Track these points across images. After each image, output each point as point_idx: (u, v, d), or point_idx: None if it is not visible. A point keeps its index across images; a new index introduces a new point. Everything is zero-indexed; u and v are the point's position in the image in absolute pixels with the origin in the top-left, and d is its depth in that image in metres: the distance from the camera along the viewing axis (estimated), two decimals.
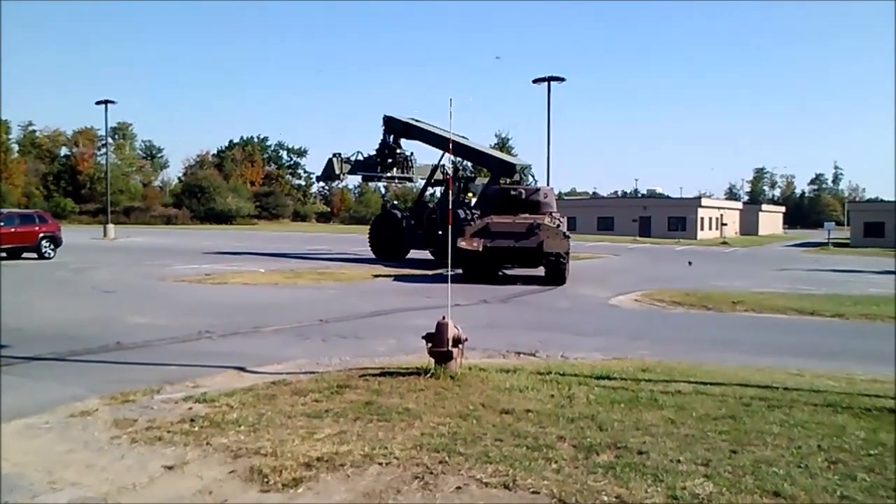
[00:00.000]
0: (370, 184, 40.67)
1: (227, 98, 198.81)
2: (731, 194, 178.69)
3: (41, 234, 30.73)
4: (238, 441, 6.47)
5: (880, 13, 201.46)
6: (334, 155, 35.85)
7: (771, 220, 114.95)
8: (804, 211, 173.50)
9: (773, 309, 17.93)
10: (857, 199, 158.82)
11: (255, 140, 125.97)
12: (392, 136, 35.79)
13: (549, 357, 11.10)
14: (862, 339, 14.19)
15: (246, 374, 9.52)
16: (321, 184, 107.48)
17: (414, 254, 33.74)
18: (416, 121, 35.29)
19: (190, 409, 7.64)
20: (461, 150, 33.74)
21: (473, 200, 32.63)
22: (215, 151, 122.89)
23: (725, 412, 7.48)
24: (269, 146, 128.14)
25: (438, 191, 36.70)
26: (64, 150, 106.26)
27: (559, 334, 13.65)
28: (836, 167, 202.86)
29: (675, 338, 13.72)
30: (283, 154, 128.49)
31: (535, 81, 43.03)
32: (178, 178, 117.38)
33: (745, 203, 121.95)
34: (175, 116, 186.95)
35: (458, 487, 5.41)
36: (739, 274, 30.83)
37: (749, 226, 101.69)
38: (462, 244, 23.30)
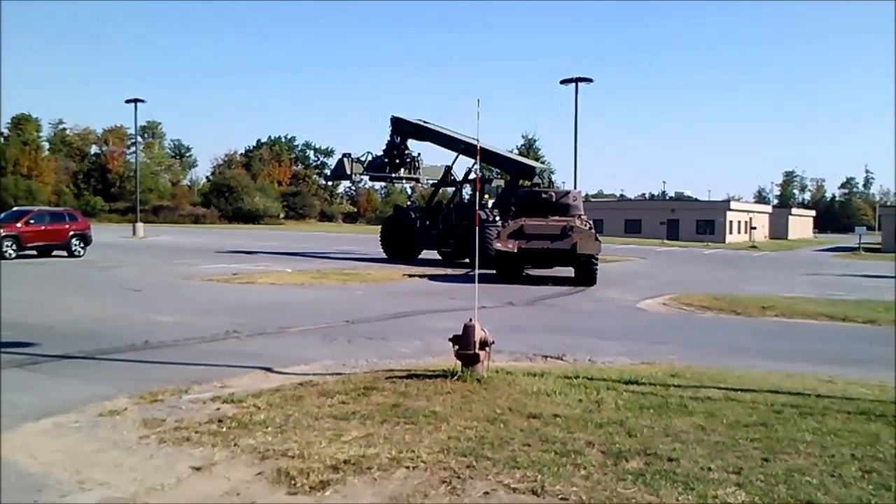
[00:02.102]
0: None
1: (255, 97, 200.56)
2: (761, 198, 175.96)
3: (71, 233, 31.11)
4: (265, 442, 6.46)
5: None
6: (344, 155, 36.45)
7: (801, 224, 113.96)
8: (835, 215, 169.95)
9: (803, 314, 17.61)
10: (889, 203, 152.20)
11: (283, 140, 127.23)
12: (399, 137, 36.17)
13: (576, 361, 11.05)
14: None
15: (273, 374, 9.54)
16: (347, 183, 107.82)
17: (425, 254, 34.11)
18: (426, 122, 35.72)
19: (218, 409, 7.66)
20: (482, 153, 33.23)
21: (491, 202, 33.10)
22: (243, 151, 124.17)
23: (757, 419, 7.34)
24: (297, 146, 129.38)
25: (450, 191, 37.20)
26: (94, 149, 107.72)
27: (586, 338, 13.54)
28: (867, 171, 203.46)
29: (704, 343, 13.55)
30: (311, 154, 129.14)
31: (562, 82, 42.90)
32: (207, 178, 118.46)
33: (774, 207, 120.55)
34: (204, 116, 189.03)
35: (486, 493, 5.35)
36: (769, 278, 30.46)
37: (779, 230, 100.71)
38: (498, 245, 23.99)
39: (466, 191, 35.36)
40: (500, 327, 11.67)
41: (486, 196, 33.74)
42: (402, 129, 36.13)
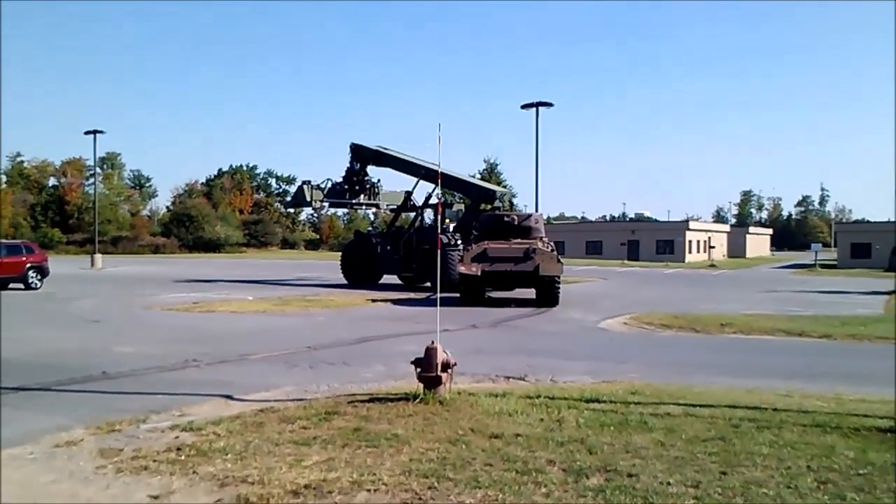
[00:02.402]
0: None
1: (216, 126, 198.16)
2: (719, 217, 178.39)
3: (28, 265, 30.56)
4: (225, 469, 6.40)
5: (868, 23, 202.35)
6: (304, 182, 36.42)
7: (758, 242, 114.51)
8: (791, 233, 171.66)
9: (761, 331, 17.89)
10: (844, 220, 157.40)
11: (245, 168, 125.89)
12: (359, 164, 36.33)
13: (538, 381, 11.04)
14: (850, 360, 14.25)
15: (233, 402, 9.45)
16: (310, 210, 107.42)
17: (386, 279, 34.17)
18: (385, 149, 35.82)
19: (176, 437, 7.58)
20: (443, 177, 32.92)
21: (452, 226, 33.15)
22: (204, 180, 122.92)
23: (715, 434, 7.43)
24: (258, 174, 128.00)
25: (412, 216, 36.79)
26: (52, 181, 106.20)
27: (548, 359, 13.55)
28: (822, 189, 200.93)
29: (664, 361, 13.67)
30: (272, 182, 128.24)
31: (523, 107, 42.80)
32: (167, 207, 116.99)
33: (732, 226, 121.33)
34: (163, 146, 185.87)
35: None
36: (728, 297, 30.62)
37: (737, 248, 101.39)
38: (462, 269, 24.19)
39: (428, 215, 35.30)
40: (463, 350, 11.67)
41: (447, 220, 33.68)
42: (362, 156, 36.24)
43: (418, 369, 9.17)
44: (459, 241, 30.64)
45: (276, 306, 23.25)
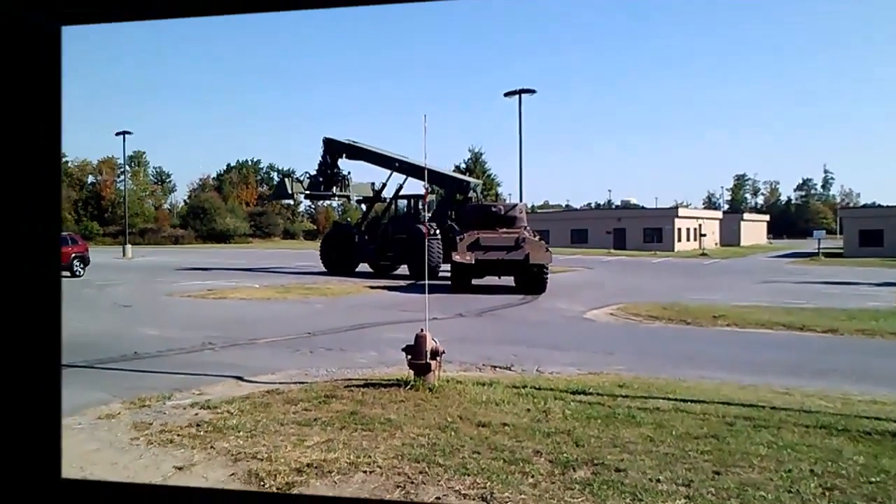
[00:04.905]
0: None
1: (226, 123, 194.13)
2: (711, 203, 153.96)
3: (73, 255, 31.28)
4: (238, 445, 6.53)
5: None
6: (286, 175, 36.37)
7: (754, 229, 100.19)
8: (791, 219, 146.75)
9: (757, 324, 16.02)
10: (851, 204, 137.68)
11: (250, 163, 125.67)
12: (329, 157, 35.40)
13: (524, 371, 10.65)
14: (858, 357, 12.39)
15: (244, 383, 9.58)
16: (308, 202, 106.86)
17: (362, 267, 33.34)
18: (355, 142, 35.17)
19: (196, 414, 7.77)
20: (418, 170, 31.64)
21: (426, 216, 31.36)
22: (215, 175, 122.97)
23: (707, 431, 6.79)
24: (262, 168, 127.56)
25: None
26: (91, 178, 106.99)
27: (533, 349, 12.96)
28: (825, 171, 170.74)
29: (652, 353, 12.80)
30: (274, 175, 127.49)
31: (506, 95, 40.13)
32: (184, 201, 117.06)
33: (725, 212, 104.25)
34: (181, 142, 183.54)
35: (438, 497, 5.25)
36: (720, 287, 27.56)
37: (730, 236, 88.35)
38: (456, 257, 23.54)
39: (401, 206, 34.40)
40: (451, 338, 11.41)
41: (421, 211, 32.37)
42: (333, 149, 35.35)
43: (409, 356, 9.03)
44: (437, 231, 29.46)
45: (279, 294, 23.07)
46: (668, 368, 10.74)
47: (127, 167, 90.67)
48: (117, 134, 55.05)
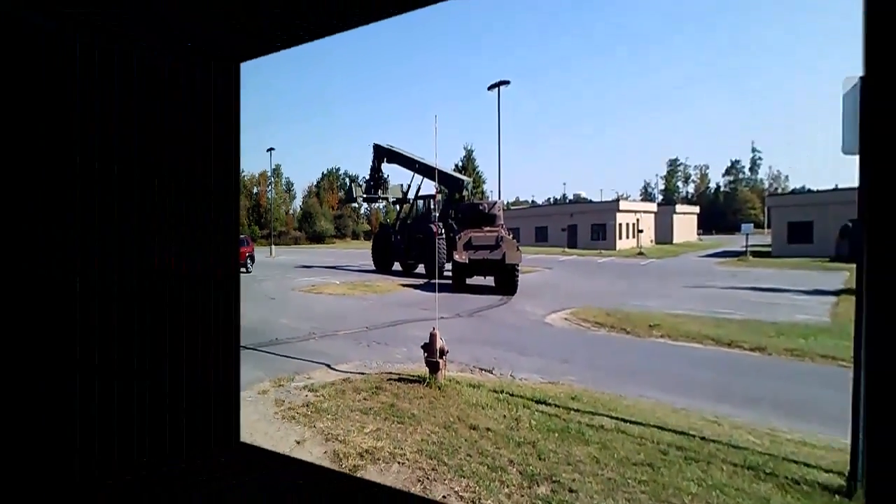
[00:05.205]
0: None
1: (320, 134, 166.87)
2: (647, 194, 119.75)
3: (248, 254, 30.68)
4: (328, 427, 6.10)
5: None
6: (352, 181, 33.34)
7: (685, 223, 72.47)
8: (719, 210, 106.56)
9: (687, 336, 12.38)
10: (780, 190, 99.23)
11: (333, 171, 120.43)
12: (377, 162, 29.65)
13: (502, 375, 9.10)
14: (786, 384, 8.90)
15: (331, 370, 8.94)
16: (367, 205, 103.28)
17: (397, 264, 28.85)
18: (391, 147, 29.38)
19: (306, 396, 7.33)
20: (431, 170, 26.55)
21: (435, 215, 26.18)
22: (315, 182, 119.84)
23: (644, 458, 5.42)
24: (341, 175, 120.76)
25: (420, 207, 29.48)
26: (255, 189, 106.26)
27: (508, 352, 10.92)
28: (753, 149, 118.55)
29: (598, 364, 10.62)
30: (348, 181, 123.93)
31: (490, 88, 32.05)
32: (300, 207, 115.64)
33: (659, 204, 74.37)
34: (296, 154, 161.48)
35: (444, 496, 4.58)
36: (655, 292, 21.83)
37: (664, 231, 65.66)
38: (456, 257, 18.74)
39: (421, 207, 28.51)
40: (451, 338, 9.95)
41: (432, 210, 27.20)
42: (379, 154, 29.56)
43: (425, 354, 7.71)
44: (443, 230, 24.35)
45: (349, 290, 20.92)
46: (611, 382, 8.73)
47: (272, 179, 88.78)
48: (267, 150, 53.08)
